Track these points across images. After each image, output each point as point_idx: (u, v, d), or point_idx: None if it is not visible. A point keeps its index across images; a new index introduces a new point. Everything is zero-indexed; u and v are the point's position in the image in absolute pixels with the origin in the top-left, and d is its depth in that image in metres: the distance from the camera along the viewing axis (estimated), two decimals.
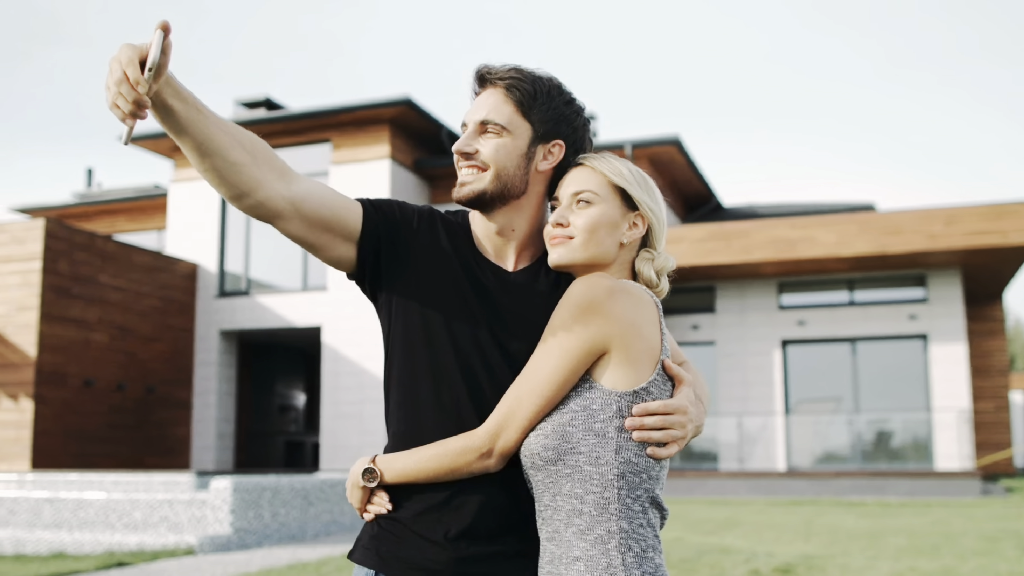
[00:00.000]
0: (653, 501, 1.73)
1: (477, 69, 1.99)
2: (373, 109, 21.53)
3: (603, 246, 1.84)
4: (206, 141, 1.75)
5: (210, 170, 1.78)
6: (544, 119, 1.94)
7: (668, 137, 22.24)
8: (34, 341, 17.77)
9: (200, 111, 1.74)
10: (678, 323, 22.27)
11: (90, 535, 10.01)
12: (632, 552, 1.66)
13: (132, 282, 20.23)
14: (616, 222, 1.86)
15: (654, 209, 1.89)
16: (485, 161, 1.92)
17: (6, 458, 17.52)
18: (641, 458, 1.70)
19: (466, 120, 1.98)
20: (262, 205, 1.83)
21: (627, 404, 1.70)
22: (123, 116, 1.62)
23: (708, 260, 20.21)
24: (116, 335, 19.68)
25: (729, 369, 21.76)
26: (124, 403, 19.81)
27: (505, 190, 1.92)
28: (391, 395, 1.96)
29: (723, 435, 21.64)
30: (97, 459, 18.80)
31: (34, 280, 17.99)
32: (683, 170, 24.15)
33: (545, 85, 1.96)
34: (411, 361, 1.92)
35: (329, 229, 1.89)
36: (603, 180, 1.87)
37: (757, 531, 11.68)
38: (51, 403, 17.95)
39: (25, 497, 10.81)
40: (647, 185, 1.91)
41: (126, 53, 1.60)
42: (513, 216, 1.96)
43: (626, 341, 1.72)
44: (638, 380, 1.72)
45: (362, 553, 1.91)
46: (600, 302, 1.72)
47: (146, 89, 1.59)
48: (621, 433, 1.69)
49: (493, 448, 1.76)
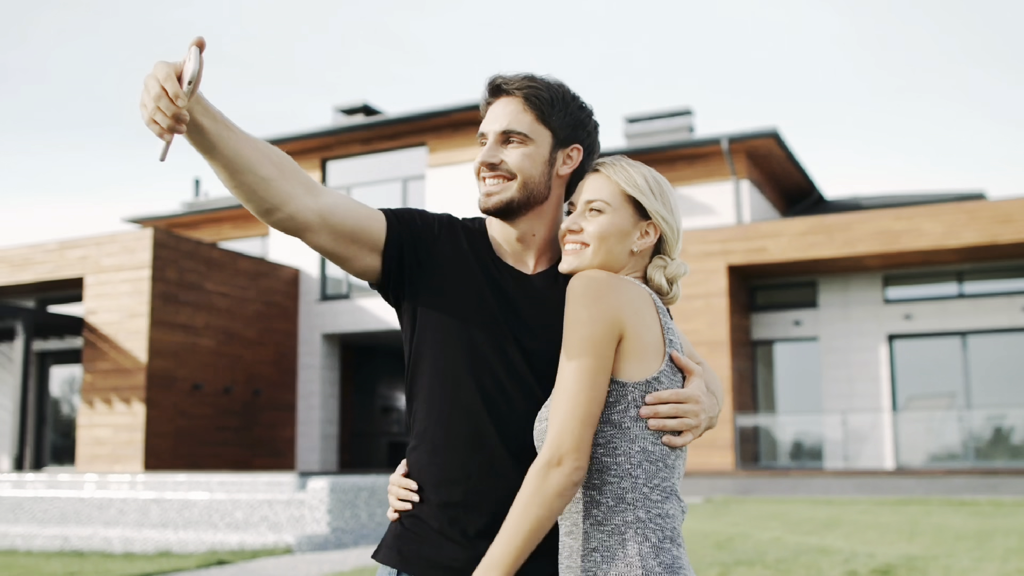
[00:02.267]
0: (672, 491, 1.73)
1: (490, 80, 2.01)
2: (468, 111, 21.67)
3: (613, 254, 1.87)
4: (237, 157, 1.77)
5: (241, 186, 1.80)
6: (562, 125, 1.98)
7: (766, 130, 21.88)
8: (144, 347, 18.38)
9: (229, 128, 1.77)
10: (779, 319, 21.88)
11: (194, 534, 10.30)
12: (649, 542, 1.66)
13: (237, 288, 20.76)
14: (627, 231, 1.88)
15: (666, 217, 1.90)
16: (511, 170, 1.95)
17: (120, 460, 18.16)
18: (657, 447, 1.72)
19: (485, 131, 2.00)
20: (292, 218, 1.85)
21: (640, 394, 1.72)
22: (161, 131, 1.63)
23: (809, 254, 19.80)
24: (222, 340, 20.22)
25: (833, 365, 21.28)
26: (231, 406, 20.34)
27: (531, 197, 1.96)
28: (415, 397, 1.99)
29: (828, 433, 21.18)
30: (206, 460, 19.35)
31: (144, 288, 18.60)
32: (782, 163, 23.72)
33: (559, 92, 1.99)
34: (434, 364, 1.94)
35: (356, 240, 1.92)
36: (616, 189, 1.89)
37: (859, 531, 11.39)
38: (161, 406, 18.54)
39: (134, 498, 11.18)
40: (662, 193, 1.91)
41: (162, 70, 1.62)
42: (535, 222, 1.99)
43: (635, 327, 1.75)
44: (649, 370, 1.74)
45: (385, 552, 1.95)
46: (604, 289, 1.76)
47: (185, 103, 1.61)
48: (637, 423, 1.71)
49: (560, 454, 1.68)
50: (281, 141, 23.16)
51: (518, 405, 1.88)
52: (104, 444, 18.42)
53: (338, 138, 23.04)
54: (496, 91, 2.00)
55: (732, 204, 22.57)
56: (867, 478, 18.74)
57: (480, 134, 2.01)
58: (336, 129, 22.88)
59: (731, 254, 20.38)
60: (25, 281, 20.54)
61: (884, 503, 16.32)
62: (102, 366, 18.73)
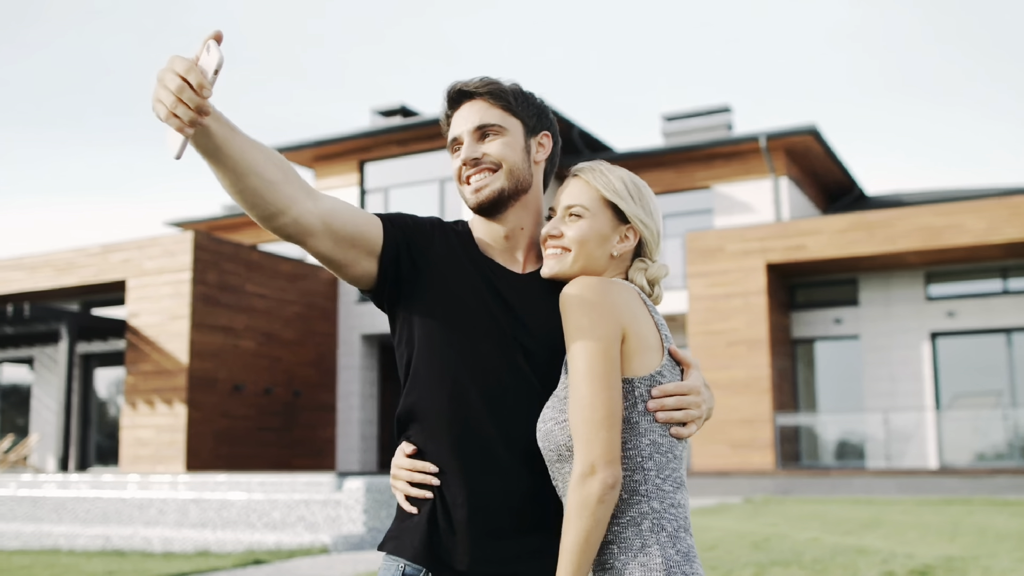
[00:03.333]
0: (681, 481, 1.77)
1: (452, 87, 2.04)
2: None
3: (593, 258, 1.90)
4: (242, 160, 1.73)
5: (245, 190, 1.76)
6: (529, 114, 2.04)
7: (804, 127, 21.69)
8: (186, 348, 18.58)
9: (233, 130, 1.73)
10: (819, 317, 21.68)
11: (232, 534, 10.40)
12: (665, 532, 1.69)
13: (276, 290, 20.93)
14: (607, 235, 1.91)
15: (645, 221, 1.93)
16: (495, 160, 1.98)
17: (163, 460, 18.38)
18: (665, 438, 1.75)
19: (458, 134, 2.03)
20: (296, 223, 1.82)
21: (646, 389, 1.76)
22: (181, 125, 1.59)
23: (849, 251, 19.60)
24: (262, 341, 20.39)
25: (875, 364, 21.05)
26: (272, 406, 20.51)
27: (518, 184, 1.99)
28: (413, 398, 1.96)
29: (870, 432, 20.95)
30: (247, 461, 19.52)
31: (184, 290, 18.81)
32: (821, 160, 23.50)
33: (516, 87, 2.05)
34: (434, 367, 1.93)
35: (355, 245, 1.91)
36: (595, 194, 1.92)
37: (899, 531, 11.26)
38: (203, 408, 18.73)
39: (173, 498, 11.31)
40: (640, 196, 1.94)
41: (181, 63, 1.58)
42: (521, 215, 2.02)
43: (634, 325, 1.78)
44: (652, 365, 1.77)
45: (394, 545, 1.94)
46: (599, 293, 1.78)
47: (210, 94, 1.58)
48: (644, 417, 1.74)
49: (592, 462, 1.69)
50: (319, 144, 23.33)
51: (521, 406, 1.88)
52: (147, 445, 18.65)
53: (376, 140, 23.15)
54: (458, 97, 2.04)
55: (771, 202, 22.40)
56: (910, 478, 18.52)
57: (452, 139, 2.04)
58: (374, 131, 22.99)
59: (770, 252, 20.23)
60: (69, 285, 20.86)
61: (926, 503, 16.11)
62: (144, 368, 18.96)
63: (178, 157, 1.64)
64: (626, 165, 23.18)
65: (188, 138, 1.61)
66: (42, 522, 11.95)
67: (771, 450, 19.59)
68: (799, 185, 23.54)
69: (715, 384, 20.13)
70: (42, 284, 21.40)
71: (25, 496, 12.34)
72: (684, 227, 23.12)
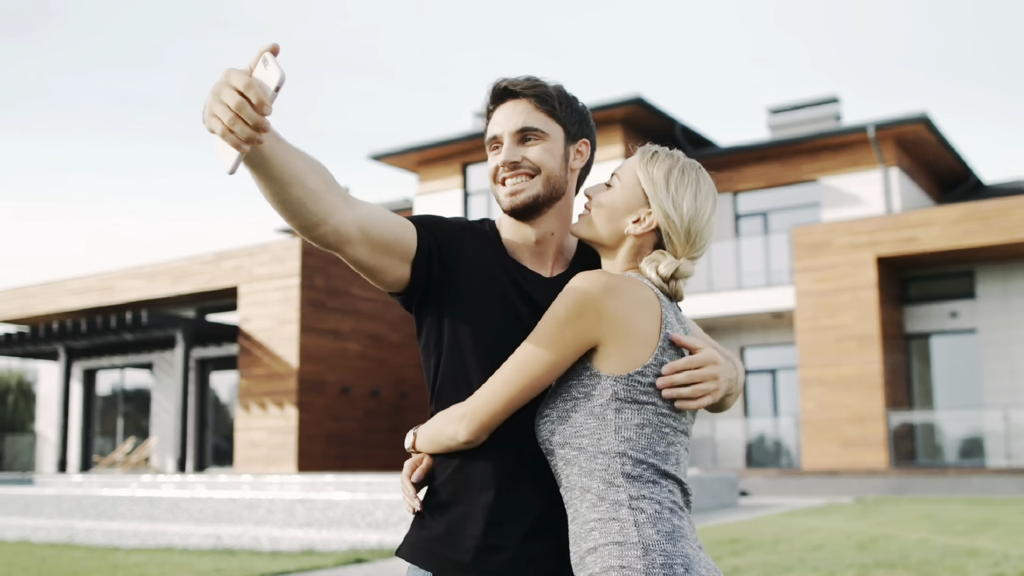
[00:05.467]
0: (664, 474, 1.76)
1: (497, 84, 2.02)
2: (605, 110, 21.63)
3: (602, 228, 1.91)
4: (288, 169, 1.72)
5: (289, 200, 1.74)
6: (571, 120, 2.01)
7: (915, 115, 21.06)
8: (295, 352, 19.03)
9: (278, 139, 1.71)
10: (934, 311, 21.01)
11: (337, 533, 10.60)
12: (644, 513, 1.70)
13: (382, 293, 21.21)
14: (626, 210, 1.90)
15: (667, 210, 1.87)
16: (534, 166, 1.96)
17: (275, 462, 18.85)
18: (642, 435, 1.76)
19: (498, 133, 2.00)
20: (336, 231, 1.81)
21: (622, 388, 1.76)
22: (238, 142, 1.54)
23: (965, 242, 18.94)
24: (369, 344, 20.75)
25: (994, 358, 20.29)
26: (379, 408, 20.85)
27: (553, 191, 1.98)
28: (441, 401, 1.97)
29: (989, 428, 20.20)
30: (355, 462, 19.89)
31: (293, 295, 19.27)
32: (934, 148, 22.79)
33: (561, 90, 2.02)
34: (462, 369, 1.94)
35: (390, 251, 1.91)
36: (634, 170, 1.92)
37: (1016, 532, 10.84)
38: (312, 410, 19.16)
39: (281, 498, 11.59)
40: (678, 186, 1.88)
41: (239, 78, 1.52)
42: (553, 220, 2.01)
43: (619, 335, 1.77)
44: (632, 366, 1.76)
45: (410, 551, 1.95)
46: (595, 300, 1.77)
47: (270, 111, 1.54)
48: (619, 414, 1.75)
49: (473, 424, 1.83)
50: (422, 148, 23.61)
51: None
52: (259, 447, 19.15)
53: (478, 143, 23.31)
54: (502, 95, 2.01)
55: (881, 193, 21.81)
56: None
57: (492, 138, 2.01)
58: (476, 134, 23.17)
59: (880, 245, 19.69)
60: (185, 292, 21.57)
61: None
62: (256, 372, 19.48)
63: (231, 172, 1.59)
64: (730, 160, 22.93)
65: (244, 154, 1.57)
66: (158, 521, 12.38)
67: (884, 448, 19.07)
68: (911, 175, 22.86)
69: (824, 381, 19.69)
70: (160, 292, 22.19)
71: (142, 496, 12.80)
72: (790, 221, 22.68)
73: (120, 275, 23.43)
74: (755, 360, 22.92)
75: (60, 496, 13.43)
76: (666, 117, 22.44)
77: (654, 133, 22.95)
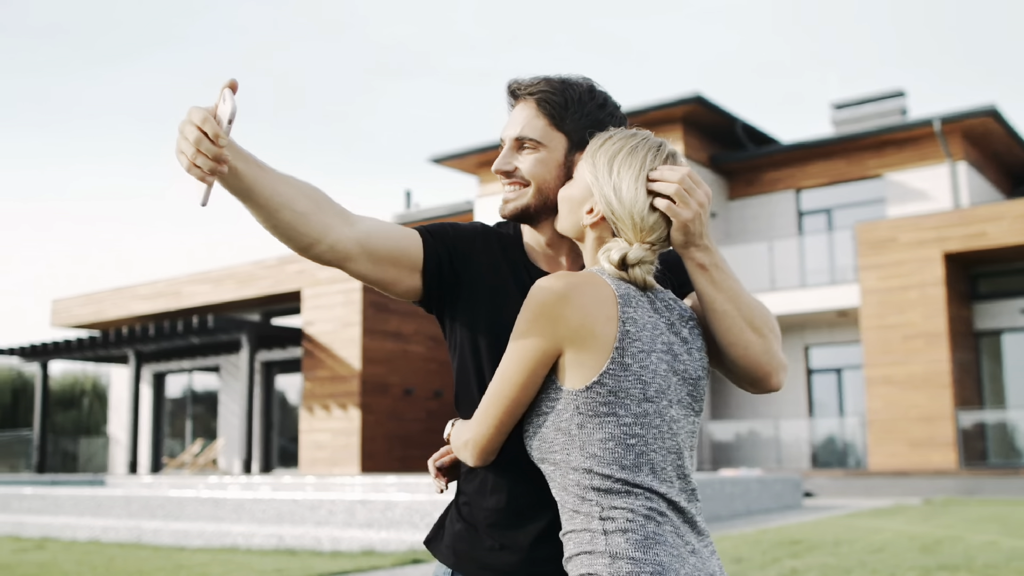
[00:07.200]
0: (635, 485, 1.74)
1: (508, 84, 2.02)
2: (664, 108, 21.52)
3: (566, 223, 1.89)
4: (274, 195, 1.79)
5: (279, 224, 1.82)
6: (578, 127, 1.96)
7: (982, 107, 20.62)
8: (358, 355, 19.22)
9: (261, 167, 1.79)
10: (1003, 308, 20.53)
11: (396, 534, 10.69)
12: (615, 522, 1.70)
13: None
14: (579, 203, 1.86)
15: (608, 196, 1.80)
16: (525, 177, 1.96)
17: (339, 463, 19.06)
18: (606, 450, 1.74)
19: (502, 137, 2.02)
20: (332, 249, 1.86)
21: (583, 402, 1.74)
22: (202, 175, 1.66)
23: None
24: (431, 346, 20.87)
25: None
26: (442, 409, 20.96)
27: (548, 202, 1.96)
28: (461, 407, 2.01)
29: None
30: (418, 463, 20.02)
31: (355, 298, 19.46)
32: (1003, 141, 22.28)
33: (576, 92, 1.97)
34: (477, 372, 1.97)
35: (396, 263, 1.94)
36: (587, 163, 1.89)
37: None
38: (375, 411, 19.33)
39: (342, 499, 11.73)
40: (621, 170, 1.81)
41: (197, 114, 1.65)
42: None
43: (575, 342, 1.74)
44: (592, 375, 1.74)
45: (437, 548, 2.01)
46: (550, 307, 1.75)
47: (226, 143, 1.66)
48: (582, 430, 1.74)
49: (469, 439, 1.86)
50: (481, 151, 23.65)
51: None
52: (323, 448, 19.38)
53: None
54: (513, 95, 2.01)
55: (948, 188, 21.39)
56: None
57: (500, 140, 2.03)
58: None
59: (947, 241, 19.30)
60: (250, 296, 21.90)
61: None
62: (320, 374, 19.72)
63: (204, 204, 1.72)
64: (793, 157, 22.64)
65: (210, 186, 1.68)
66: (223, 522, 12.60)
67: (953, 448, 18.69)
68: (979, 169, 22.37)
69: (890, 380, 19.36)
70: (225, 296, 22.56)
71: (208, 497, 13.04)
72: (854, 218, 22.34)
73: (187, 280, 23.89)
74: (820, 359, 22.62)
75: (128, 497, 13.74)
76: (726, 115, 22.23)
77: (715, 131, 22.75)
